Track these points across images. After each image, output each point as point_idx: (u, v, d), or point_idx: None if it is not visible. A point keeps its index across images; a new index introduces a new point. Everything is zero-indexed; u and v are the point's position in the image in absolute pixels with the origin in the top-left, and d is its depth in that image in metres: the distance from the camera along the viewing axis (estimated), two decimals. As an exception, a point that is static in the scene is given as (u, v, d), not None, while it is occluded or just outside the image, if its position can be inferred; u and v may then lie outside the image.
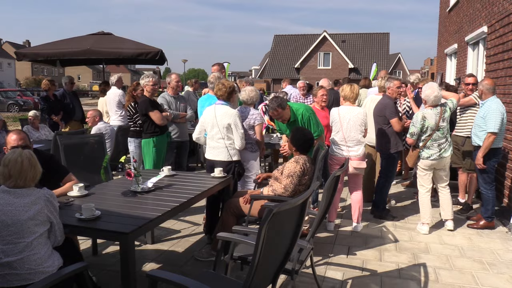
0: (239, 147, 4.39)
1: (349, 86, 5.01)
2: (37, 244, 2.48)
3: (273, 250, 2.28)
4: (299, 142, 3.98)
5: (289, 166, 3.88)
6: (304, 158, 3.92)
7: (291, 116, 4.59)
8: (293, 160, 3.92)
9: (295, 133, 4.07)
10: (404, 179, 7.56)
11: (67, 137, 4.80)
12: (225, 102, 4.43)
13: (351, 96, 4.95)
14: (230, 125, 4.32)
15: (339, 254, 4.33)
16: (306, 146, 4.00)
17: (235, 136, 4.35)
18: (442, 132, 4.78)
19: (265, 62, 47.55)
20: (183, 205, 3.33)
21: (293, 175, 3.81)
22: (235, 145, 4.39)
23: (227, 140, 4.37)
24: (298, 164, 3.85)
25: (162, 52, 8.01)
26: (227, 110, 4.35)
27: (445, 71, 12.39)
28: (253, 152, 4.72)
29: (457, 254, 4.35)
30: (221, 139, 4.36)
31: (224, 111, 4.35)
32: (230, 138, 4.37)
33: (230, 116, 4.33)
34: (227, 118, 4.32)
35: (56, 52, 8.27)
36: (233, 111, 4.39)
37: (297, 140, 4.00)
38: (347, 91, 4.97)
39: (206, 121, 4.46)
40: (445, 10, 12.40)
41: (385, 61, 39.87)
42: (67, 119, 8.05)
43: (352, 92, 4.95)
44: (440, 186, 5.01)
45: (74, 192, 3.41)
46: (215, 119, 4.36)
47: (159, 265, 4.04)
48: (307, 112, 4.64)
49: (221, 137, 4.36)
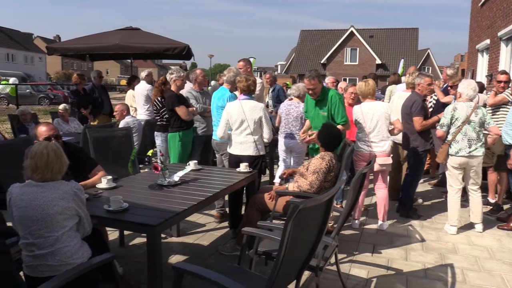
0: (268, 140, 4.47)
1: (363, 82, 4.95)
2: (66, 238, 2.52)
3: (298, 246, 2.28)
4: (326, 138, 3.96)
5: (314, 163, 3.86)
6: (330, 155, 3.89)
7: (321, 94, 4.65)
8: (319, 157, 3.90)
9: (323, 129, 4.05)
10: (432, 177, 7.42)
11: (96, 130, 4.90)
12: (249, 96, 4.46)
13: (368, 91, 4.88)
14: (261, 118, 4.37)
15: (364, 252, 4.29)
16: (332, 143, 3.97)
17: (265, 129, 4.43)
18: (473, 127, 4.64)
19: (291, 58, 47.31)
20: (209, 199, 3.36)
21: (318, 172, 3.79)
22: (263, 138, 4.46)
23: (255, 134, 4.40)
24: (324, 161, 3.82)
25: (189, 47, 8.07)
26: (256, 104, 4.40)
27: (476, 67, 12.06)
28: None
29: (486, 256, 4.24)
30: (249, 135, 4.39)
31: (253, 105, 4.39)
32: (258, 133, 4.41)
33: (260, 109, 4.40)
34: (257, 112, 4.38)
35: (86, 47, 8.45)
36: (261, 104, 4.47)
37: (324, 136, 3.98)
38: (363, 88, 4.90)
39: (233, 117, 4.46)
40: (477, 4, 12.05)
41: (414, 57, 39.03)
42: (96, 113, 8.21)
43: (368, 87, 4.88)
44: (471, 188, 4.86)
45: (103, 184, 3.48)
46: (243, 114, 4.37)
47: (184, 257, 4.10)
48: (337, 96, 4.66)
49: (249, 132, 4.39)
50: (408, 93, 5.55)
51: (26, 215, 2.45)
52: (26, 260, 2.50)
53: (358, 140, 4.92)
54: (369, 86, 4.88)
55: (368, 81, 4.97)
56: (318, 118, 4.73)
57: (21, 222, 2.48)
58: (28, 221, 2.45)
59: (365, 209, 5.54)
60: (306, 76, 4.60)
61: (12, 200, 2.50)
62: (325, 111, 4.66)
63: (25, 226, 2.47)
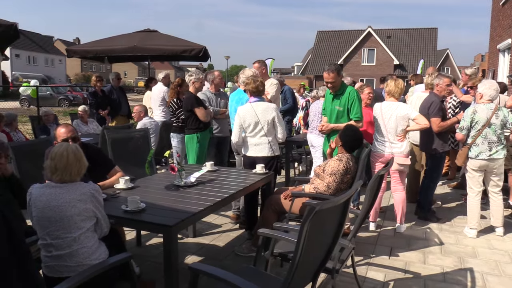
0: (282, 139, 4.48)
1: (394, 81, 4.87)
2: (84, 239, 2.54)
3: (314, 248, 2.26)
4: (348, 139, 3.94)
5: (332, 164, 3.84)
6: (348, 157, 3.86)
7: (340, 89, 4.66)
8: (336, 158, 3.87)
9: (346, 130, 4.03)
10: (450, 179, 7.30)
11: (114, 131, 4.96)
12: (260, 98, 4.45)
13: (395, 91, 4.81)
14: (274, 118, 4.37)
15: (381, 254, 4.24)
16: (353, 145, 3.95)
17: (279, 129, 4.43)
18: (493, 130, 4.55)
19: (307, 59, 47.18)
20: (225, 200, 3.37)
21: (336, 173, 3.77)
22: (278, 138, 4.47)
23: (269, 136, 4.40)
24: (342, 162, 3.80)
25: (205, 49, 8.12)
26: (267, 105, 4.40)
27: (497, 67, 11.83)
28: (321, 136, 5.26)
29: (507, 260, 4.15)
30: (264, 136, 4.38)
31: (265, 107, 4.38)
32: (272, 134, 4.41)
33: (272, 110, 4.39)
34: (270, 113, 4.37)
35: (105, 49, 8.57)
36: (273, 105, 4.47)
37: (346, 137, 3.95)
38: (392, 86, 4.83)
39: (246, 121, 4.43)
40: (499, 3, 11.83)
41: (433, 57, 38.50)
42: (114, 114, 8.30)
43: (397, 87, 4.81)
44: (492, 191, 4.76)
45: (121, 184, 3.52)
46: (256, 117, 4.36)
47: (200, 258, 4.11)
48: (355, 93, 4.65)
49: (264, 134, 4.38)
50: (426, 93, 5.47)
51: (44, 216, 2.49)
52: (45, 260, 2.54)
53: (376, 140, 4.87)
54: (399, 86, 4.81)
55: (399, 80, 4.91)
56: (333, 113, 4.72)
57: (40, 223, 2.52)
58: (46, 222, 2.49)
59: (382, 211, 5.48)
60: (325, 69, 4.60)
61: (31, 200, 2.54)
62: (341, 106, 4.65)
63: (44, 227, 2.51)
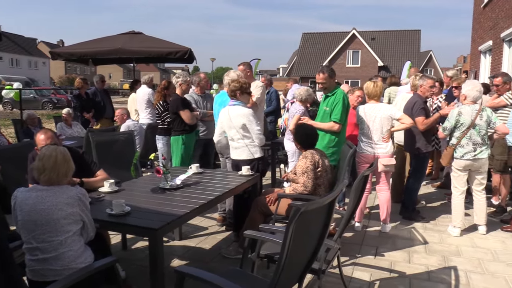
0: (258, 144, 4.43)
1: (372, 83, 4.94)
2: (70, 242, 2.53)
3: (300, 249, 2.27)
4: (302, 137, 4.05)
5: (300, 164, 3.94)
6: (311, 152, 3.96)
7: (332, 90, 4.74)
8: (301, 157, 3.98)
9: (297, 130, 4.16)
10: (434, 179, 7.40)
11: (99, 134, 4.92)
12: (237, 102, 4.40)
13: (375, 93, 4.87)
14: (245, 124, 4.30)
15: (366, 254, 4.28)
16: (308, 140, 4.04)
17: (252, 135, 4.34)
18: (478, 131, 4.63)
19: (293, 60, 47.34)
20: (211, 202, 3.37)
21: (307, 171, 3.84)
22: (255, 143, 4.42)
23: (246, 139, 4.37)
24: (307, 159, 3.88)
25: (191, 51, 8.09)
26: (240, 111, 4.31)
27: (479, 69, 12.04)
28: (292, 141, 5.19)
29: (489, 258, 4.22)
30: (241, 139, 4.38)
31: (238, 112, 4.31)
32: (249, 137, 4.37)
33: (243, 116, 4.29)
34: (241, 118, 4.29)
35: (89, 52, 8.49)
36: (246, 110, 4.33)
37: (300, 136, 4.06)
38: (371, 89, 4.89)
39: (223, 124, 4.48)
40: (480, 6, 12.04)
41: (416, 58, 38.95)
42: (98, 117, 8.25)
43: (376, 89, 4.87)
44: (476, 189, 4.85)
45: (105, 188, 3.49)
46: (230, 121, 4.36)
47: (186, 261, 4.10)
48: (341, 95, 4.68)
49: (240, 137, 4.37)
50: (411, 94, 5.55)
51: (30, 219, 2.47)
52: (30, 264, 2.51)
53: (360, 141, 4.92)
54: (377, 88, 4.87)
55: (377, 82, 4.97)
56: (322, 114, 4.81)
57: (25, 226, 2.49)
58: (32, 225, 2.47)
59: (368, 212, 5.53)
60: (318, 70, 4.73)
61: (17, 204, 2.52)
62: (328, 107, 4.71)
63: (29, 230, 2.48)
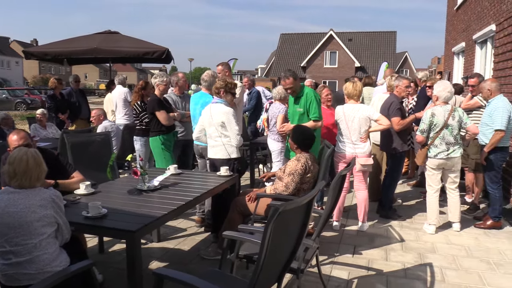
0: (235, 144, 4.41)
1: (351, 83, 5.00)
2: (45, 245, 2.48)
3: (278, 249, 2.28)
4: (300, 138, 4.01)
5: (290, 165, 3.91)
6: (306, 156, 3.93)
7: (300, 91, 4.78)
8: (294, 159, 3.95)
9: (295, 131, 4.13)
10: (410, 178, 7.53)
11: (74, 135, 4.83)
12: (220, 100, 4.44)
13: (354, 93, 4.93)
14: (224, 123, 4.32)
15: (344, 253, 4.32)
16: (307, 143, 4.02)
17: (230, 134, 4.36)
18: (450, 130, 4.74)
19: (271, 61, 47.48)
20: (189, 203, 3.34)
21: (294, 173, 3.83)
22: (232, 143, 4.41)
23: (224, 138, 4.38)
24: (300, 162, 3.86)
25: (168, 50, 8.03)
26: (221, 108, 4.36)
27: (453, 69, 12.31)
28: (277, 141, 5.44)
29: (463, 254, 4.32)
30: (219, 137, 4.38)
31: (219, 109, 4.36)
32: (227, 136, 4.38)
33: (223, 114, 4.33)
34: (221, 116, 4.33)
35: (64, 51, 8.33)
36: (227, 109, 4.37)
37: (297, 137, 4.02)
38: (350, 89, 4.95)
39: (204, 120, 4.50)
40: (453, 8, 12.32)
41: (392, 59, 39.63)
42: (74, 118, 8.10)
43: (355, 89, 4.93)
44: (449, 187, 4.96)
45: (81, 190, 3.42)
46: (211, 118, 4.38)
47: (165, 263, 4.06)
48: (312, 93, 4.73)
49: (218, 135, 4.37)
50: (387, 95, 5.64)
51: (2, 222, 2.41)
52: (3, 268, 2.45)
53: (339, 141, 4.97)
54: (357, 88, 4.93)
55: (356, 83, 5.02)
56: (295, 115, 4.85)
57: None
58: (5, 229, 2.41)
59: (346, 211, 5.59)
60: (281, 77, 4.79)
61: None
62: (301, 108, 4.76)
63: (2, 234, 2.43)
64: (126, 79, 7.98)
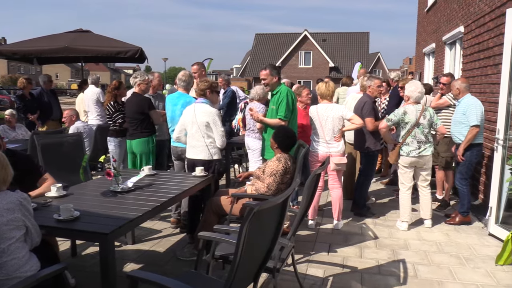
0: (220, 146, 4.39)
1: (324, 84, 5.06)
2: (14, 249, 2.41)
3: (254, 249, 2.28)
4: (281, 139, 4.01)
5: (271, 165, 3.90)
6: (286, 157, 3.94)
7: (276, 88, 4.74)
8: (275, 159, 3.94)
9: (277, 131, 4.11)
10: (383, 176, 7.66)
11: (45, 136, 4.72)
12: (204, 100, 4.42)
13: (327, 93, 4.99)
14: (209, 123, 4.30)
15: (320, 251, 4.36)
16: (288, 143, 4.02)
17: (215, 135, 4.34)
18: (421, 129, 4.86)
19: (246, 61, 47.48)
20: (164, 204, 3.31)
21: (275, 174, 3.83)
22: (216, 144, 4.39)
23: (207, 138, 4.35)
24: (280, 163, 3.87)
25: (142, 50, 7.92)
26: (207, 109, 4.34)
27: (424, 70, 12.59)
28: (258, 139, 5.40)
29: (435, 250, 4.43)
30: (202, 138, 4.34)
31: (204, 109, 4.34)
32: (210, 137, 4.36)
33: (209, 114, 4.31)
34: (206, 116, 4.30)
35: (33, 50, 8.11)
36: (212, 109, 4.38)
37: (279, 137, 4.02)
38: (323, 89, 5.00)
39: (186, 120, 4.44)
40: (423, 10, 12.60)
41: (365, 60, 40.20)
42: (45, 119, 7.91)
43: (328, 89, 4.99)
44: (421, 185, 5.08)
45: (52, 192, 3.34)
46: (194, 117, 4.33)
47: (140, 265, 4.01)
48: (284, 92, 4.65)
49: (201, 135, 4.34)
50: (361, 95, 5.73)
51: None
52: (-31, 275, 2.37)
53: (313, 141, 5.01)
54: (329, 88, 4.99)
55: (329, 83, 5.08)
56: (271, 112, 4.83)
57: None
58: None
59: (321, 209, 5.65)
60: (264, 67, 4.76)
61: None
62: (274, 104, 4.75)
63: None
64: (99, 79, 7.84)
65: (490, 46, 6.06)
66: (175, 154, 5.02)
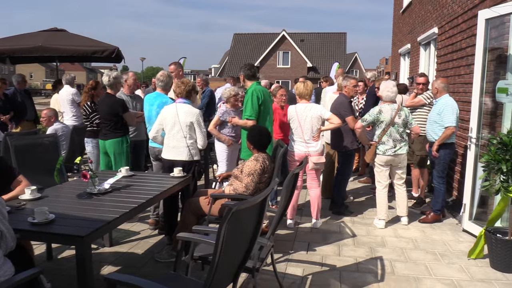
0: (201, 146, 4.38)
1: (302, 83, 5.09)
2: None
3: (233, 249, 2.29)
4: (256, 138, 4.03)
5: (249, 165, 3.90)
6: (263, 156, 3.95)
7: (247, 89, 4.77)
8: (253, 159, 3.94)
9: (251, 131, 4.13)
10: (360, 175, 7.77)
11: (19, 137, 4.61)
12: (186, 101, 4.39)
13: (305, 93, 5.03)
14: (193, 123, 4.29)
15: (299, 250, 4.39)
16: (262, 142, 4.04)
17: (198, 135, 4.35)
18: (396, 128, 4.95)
19: (224, 61, 47.38)
20: (142, 206, 3.27)
21: (253, 173, 3.83)
22: (197, 144, 4.37)
23: (189, 139, 4.33)
24: (258, 162, 3.87)
25: (118, 49, 7.81)
26: (190, 109, 4.33)
27: (399, 70, 12.81)
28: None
29: (411, 247, 4.51)
30: (183, 138, 4.31)
31: (187, 109, 4.31)
32: (192, 137, 4.34)
33: (193, 115, 4.31)
34: (190, 117, 4.29)
35: (6, 49, 7.89)
36: (196, 110, 4.38)
37: (253, 137, 4.04)
38: (301, 89, 5.04)
39: (166, 120, 4.38)
40: (399, 11, 12.81)
41: (342, 60, 40.62)
42: (19, 119, 7.72)
43: (306, 89, 5.03)
44: (397, 183, 5.17)
45: (26, 195, 3.26)
46: (177, 117, 4.30)
47: (117, 267, 3.96)
48: (250, 92, 4.60)
49: (183, 135, 4.31)
50: (337, 95, 5.79)
51: None
52: None
53: (292, 140, 5.04)
54: (308, 88, 5.02)
55: (307, 82, 5.12)
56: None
57: None
58: None
59: (299, 208, 5.68)
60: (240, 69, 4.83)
61: None
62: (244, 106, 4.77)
63: None
64: (74, 78, 7.71)
65: (463, 46, 6.22)
66: (153, 155, 4.97)
